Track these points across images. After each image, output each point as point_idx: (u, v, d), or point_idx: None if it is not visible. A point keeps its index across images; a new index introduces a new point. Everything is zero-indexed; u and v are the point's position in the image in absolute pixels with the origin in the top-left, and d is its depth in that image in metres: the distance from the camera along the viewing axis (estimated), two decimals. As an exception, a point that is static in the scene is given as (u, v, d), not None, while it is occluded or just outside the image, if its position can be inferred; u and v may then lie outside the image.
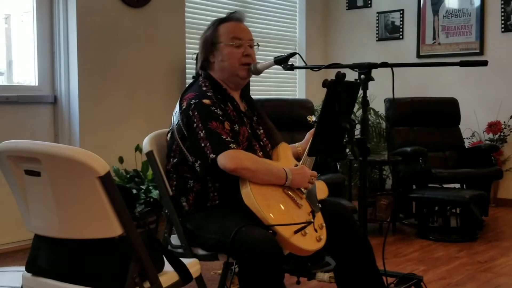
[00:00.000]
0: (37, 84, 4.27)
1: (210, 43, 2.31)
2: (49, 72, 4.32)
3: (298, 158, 2.44)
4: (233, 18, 2.35)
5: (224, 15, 2.42)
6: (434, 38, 6.03)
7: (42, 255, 1.89)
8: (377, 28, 6.41)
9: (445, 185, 4.86)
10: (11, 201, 1.97)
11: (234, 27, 2.32)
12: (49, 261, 1.86)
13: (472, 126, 5.70)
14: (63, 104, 4.32)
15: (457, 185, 4.94)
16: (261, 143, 2.33)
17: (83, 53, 4.30)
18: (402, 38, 6.26)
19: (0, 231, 3.99)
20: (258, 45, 2.39)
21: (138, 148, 4.15)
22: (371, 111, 5.89)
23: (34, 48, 4.24)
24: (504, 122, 5.57)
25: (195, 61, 4.91)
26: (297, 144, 2.55)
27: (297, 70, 6.32)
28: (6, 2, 4.21)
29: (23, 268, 1.95)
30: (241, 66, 2.30)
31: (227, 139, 2.11)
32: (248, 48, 2.31)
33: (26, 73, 4.32)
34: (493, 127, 5.54)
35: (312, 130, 2.44)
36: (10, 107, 4.08)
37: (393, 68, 2.20)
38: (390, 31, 6.33)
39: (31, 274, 1.92)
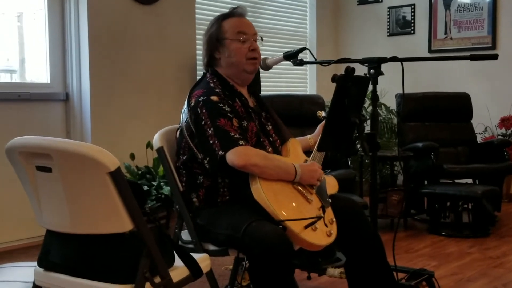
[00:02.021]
0: (49, 82, 4.30)
1: (215, 40, 2.31)
2: (61, 70, 4.35)
3: (309, 150, 2.44)
4: (236, 13, 2.35)
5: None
6: (446, 33, 5.99)
7: (53, 250, 1.90)
8: (388, 23, 6.38)
9: (457, 181, 4.83)
10: (24, 197, 1.99)
11: (238, 22, 2.32)
12: (60, 256, 1.88)
13: (485, 121, 5.66)
14: (75, 101, 4.35)
15: (469, 181, 4.91)
16: (270, 138, 2.33)
17: (94, 51, 4.33)
18: (414, 33, 6.22)
19: (13, 227, 4.03)
20: (262, 39, 2.39)
21: (149, 145, 4.17)
22: (383, 106, 5.87)
23: (46, 46, 4.27)
24: (517, 117, 5.53)
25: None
26: (308, 136, 2.55)
27: (308, 65, 6.32)
28: (19, 0, 4.23)
29: (35, 263, 1.97)
30: (248, 61, 2.30)
31: (235, 136, 2.11)
32: (253, 42, 2.31)
33: (38, 71, 4.35)
34: (506, 122, 5.50)
35: (323, 123, 2.43)
36: (22, 104, 4.11)
37: (404, 63, 2.19)
38: (402, 26, 6.30)
39: (43, 269, 1.94)
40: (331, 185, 2.37)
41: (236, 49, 2.28)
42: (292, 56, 2.32)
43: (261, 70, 2.42)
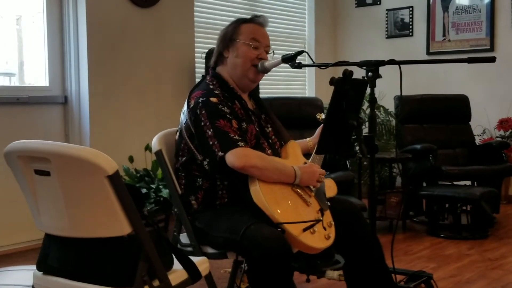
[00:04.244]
0: (47, 85, 4.30)
1: (228, 38, 2.32)
2: (60, 73, 4.35)
3: (309, 152, 2.44)
4: (257, 21, 2.37)
5: (236, 15, 2.43)
6: (444, 35, 6.00)
7: (52, 254, 1.90)
8: (386, 26, 6.39)
9: (455, 183, 4.84)
10: (22, 201, 1.99)
11: (256, 29, 2.34)
12: (59, 260, 1.88)
13: (483, 123, 5.67)
14: (74, 104, 4.35)
15: (468, 182, 4.92)
16: (270, 141, 2.34)
17: (93, 54, 4.33)
18: (412, 35, 6.23)
19: (12, 230, 4.03)
20: (273, 52, 2.40)
21: (148, 147, 4.17)
22: (381, 108, 5.88)
23: (44, 49, 4.27)
24: (515, 118, 5.53)
25: (204, 60, 4.93)
26: (307, 139, 2.55)
27: (306, 68, 6.32)
28: (18, 3, 4.24)
29: (34, 267, 1.97)
30: (252, 67, 2.31)
31: (234, 137, 2.12)
32: (263, 52, 2.33)
33: (37, 74, 4.35)
34: (504, 123, 5.51)
35: (322, 126, 2.44)
36: (21, 108, 4.11)
37: (402, 65, 2.20)
38: (400, 28, 6.31)
39: (41, 272, 1.94)
40: (330, 187, 2.38)
41: (244, 52, 2.30)
42: (290, 59, 2.32)
43: (259, 72, 2.42)
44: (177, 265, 1.92)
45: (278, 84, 6.08)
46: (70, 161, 1.69)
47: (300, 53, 2.33)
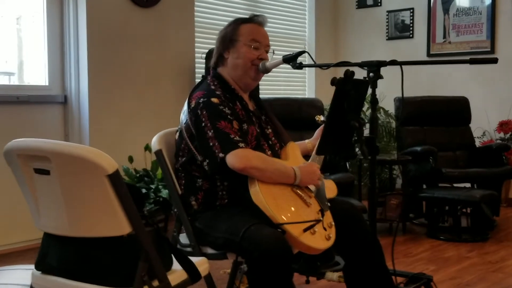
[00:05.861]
0: (47, 84, 4.29)
1: (228, 40, 2.32)
2: (59, 72, 4.35)
3: (307, 154, 2.43)
4: (256, 20, 2.37)
5: (236, 15, 2.43)
6: (444, 37, 6.00)
7: (51, 253, 1.89)
8: (387, 27, 6.38)
9: (455, 185, 4.83)
10: (21, 200, 1.98)
11: (255, 29, 2.34)
12: (58, 259, 1.87)
13: (483, 125, 5.66)
14: (73, 104, 4.34)
15: (468, 185, 4.91)
16: (270, 142, 2.33)
17: (93, 53, 4.32)
18: (412, 37, 6.23)
19: (11, 230, 4.02)
20: (273, 52, 2.40)
21: (147, 148, 4.16)
22: (381, 110, 5.87)
23: (44, 49, 4.27)
24: (516, 121, 5.53)
25: (204, 60, 4.93)
26: (306, 140, 2.55)
27: (306, 69, 6.32)
28: (18, 3, 4.23)
29: (33, 266, 1.96)
30: (253, 66, 2.31)
31: (235, 138, 2.11)
32: (264, 52, 2.33)
33: (37, 73, 4.35)
34: (505, 126, 5.50)
35: (322, 127, 2.43)
36: (21, 107, 4.10)
37: (403, 66, 2.19)
38: (400, 30, 6.30)
39: (40, 272, 1.93)
40: (330, 189, 2.37)
41: (245, 53, 2.29)
42: (291, 59, 2.31)
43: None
44: (176, 265, 1.92)
45: (278, 84, 6.07)
46: (70, 160, 1.68)
47: (301, 53, 2.33)
